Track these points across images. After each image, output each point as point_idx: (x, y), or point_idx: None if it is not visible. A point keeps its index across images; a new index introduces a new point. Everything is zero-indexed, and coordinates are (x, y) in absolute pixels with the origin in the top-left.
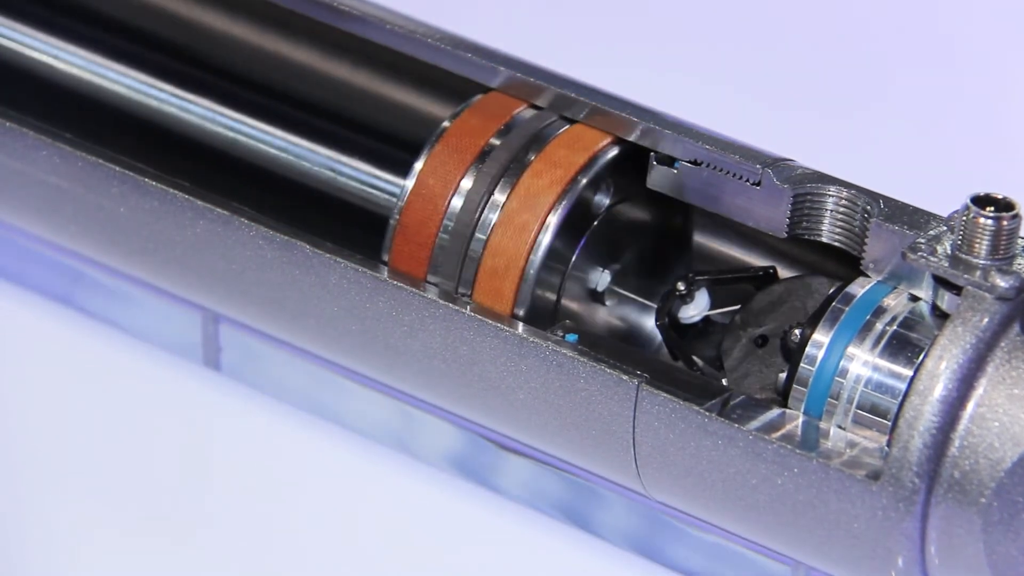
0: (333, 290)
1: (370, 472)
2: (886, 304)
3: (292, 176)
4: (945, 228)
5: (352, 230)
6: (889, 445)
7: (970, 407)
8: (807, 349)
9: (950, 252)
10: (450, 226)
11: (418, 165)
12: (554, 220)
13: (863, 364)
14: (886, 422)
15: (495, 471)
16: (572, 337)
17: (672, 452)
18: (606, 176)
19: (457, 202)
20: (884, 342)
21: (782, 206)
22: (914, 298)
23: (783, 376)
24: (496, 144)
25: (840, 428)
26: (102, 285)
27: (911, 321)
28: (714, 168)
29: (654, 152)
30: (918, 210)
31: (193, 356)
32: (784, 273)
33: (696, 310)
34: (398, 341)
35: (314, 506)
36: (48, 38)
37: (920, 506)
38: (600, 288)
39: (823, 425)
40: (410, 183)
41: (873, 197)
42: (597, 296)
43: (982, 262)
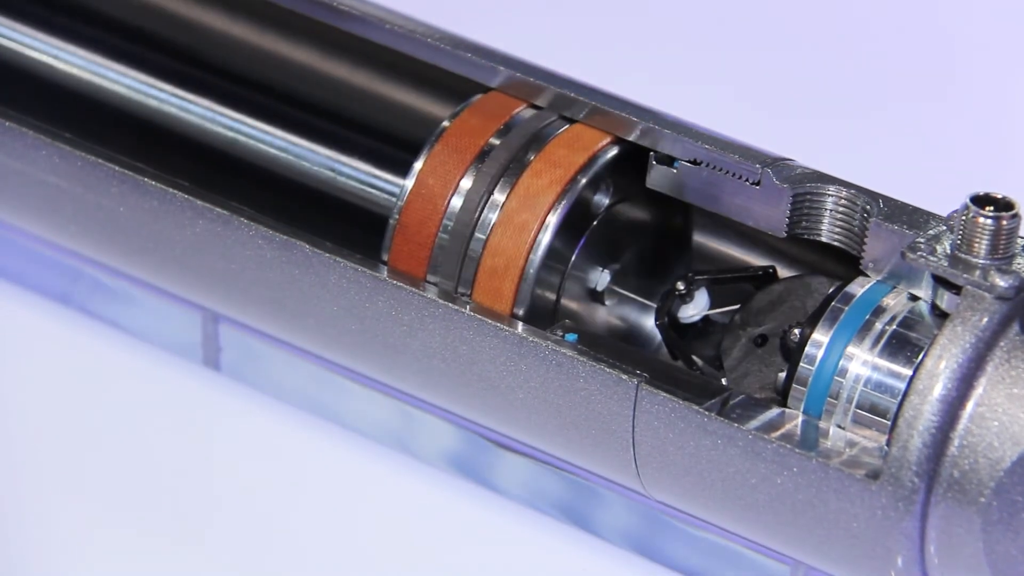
0: (333, 290)
1: (370, 472)
2: (885, 304)
3: (292, 176)
4: (944, 228)
5: (352, 230)
6: (888, 444)
7: (969, 406)
8: (806, 348)
9: (949, 252)
10: (450, 226)
11: (418, 165)
12: (554, 220)
13: (862, 363)
14: (885, 421)
15: (495, 471)
16: (572, 337)
17: (672, 451)
18: (606, 176)
19: (457, 202)
20: (884, 341)
21: (781, 206)
22: (914, 297)
23: (782, 375)
24: (496, 144)
25: (839, 427)
26: (102, 285)
27: (911, 320)
28: (714, 168)
29: (654, 152)
30: (917, 210)
31: (193, 356)
32: (784, 273)
33: (696, 310)
34: (398, 341)
35: (314, 506)
36: (48, 38)
37: (919, 505)
38: (600, 288)
39: (822, 424)
40: (410, 183)
41: (872, 197)
42: (597, 296)
43: (981, 261)
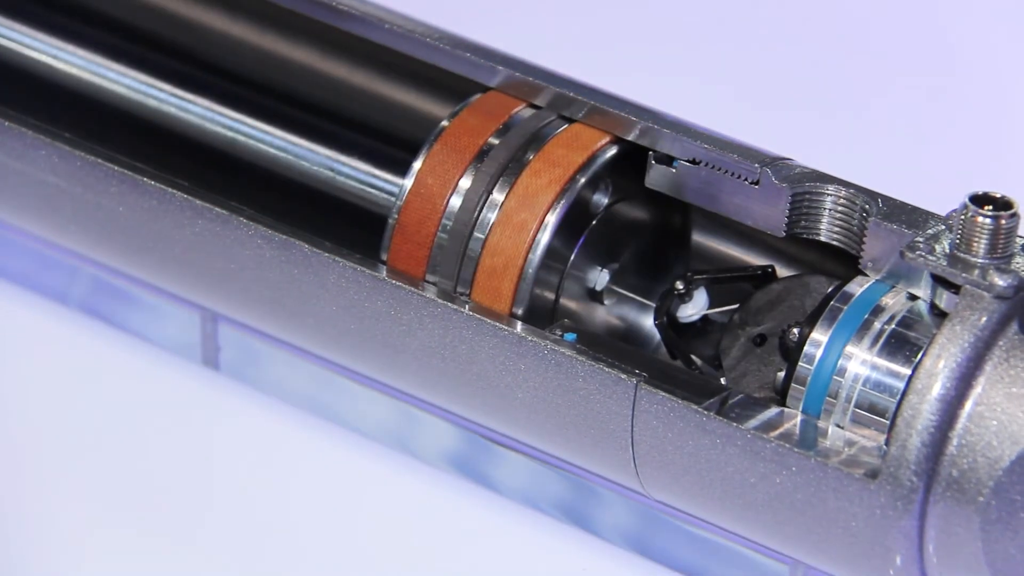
0: (332, 289)
1: (369, 472)
2: (884, 303)
3: (291, 175)
4: (943, 227)
5: (351, 229)
6: (887, 444)
7: (968, 406)
8: (805, 348)
9: (948, 251)
10: (449, 225)
11: (417, 164)
12: (553, 219)
13: (861, 363)
14: (884, 421)
15: (494, 470)
16: (571, 336)
17: (670, 451)
18: (605, 175)
19: (456, 201)
20: (882, 341)
21: (780, 205)
22: (912, 297)
23: (781, 375)
24: (495, 143)
25: (838, 427)
26: (101, 284)
27: (909, 320)
28: (712, 167)
29: (653, 151)
30: (916, 209)
31: (192, 355)
32: (782, 272)
33: (695, 309)
34: (397, 340)
35: (313, 505)
36: (47, 38)
37: (918, 505)
38: (599, 287)
39: (821, 424)
40: (409, 182)
41: (871, 196)
42: (596, 295)
43: (980, 261)
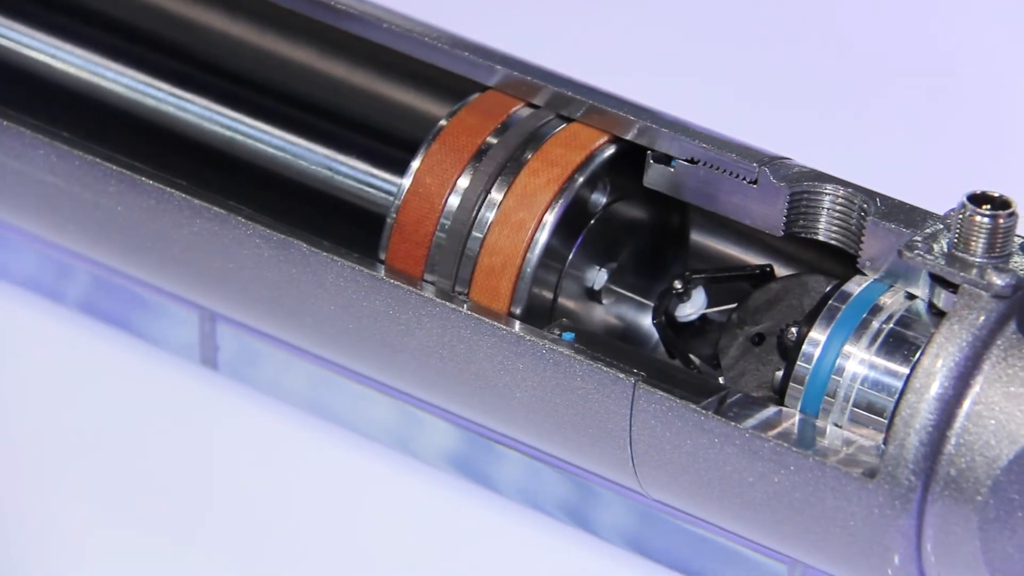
0: (330, 289)
1: (369, 472)
2: (882, 302)
3: (289, 175)
4: (942, 226)
5: (349, 229)
6: (885, 443)
7: (966, 405)
8: (804, 347)
9: (947, 250)
10: (447, 225)
11: (415, 164)
12: (551, 218)
13: (859, 362)
14: (882, 420)
15: (495, 470)
16: (569, 335)
17: (669, 450)
18: (603, 175)
19: (454, 200)
20: (880, 340)
21: (779, 204)
22: (911, 296)
23: (780, 374)
24: (493, 143)
25: (837, 426)
26: (99, 284)
27: (907, 319)
28: (711, 166)
29: (651, 151)
30: (915, 208)
31: (190, 355)
32: (781, 271)
33: (693, 308)
34: (395, 340)
35: (313, 505)
36: (45, 37)
37: (916, 504)
38: (597, 286)
39: (820, 423)
40: (407, 182)
41: (870, 195)
42: (594, 294)
43: (978, 260)
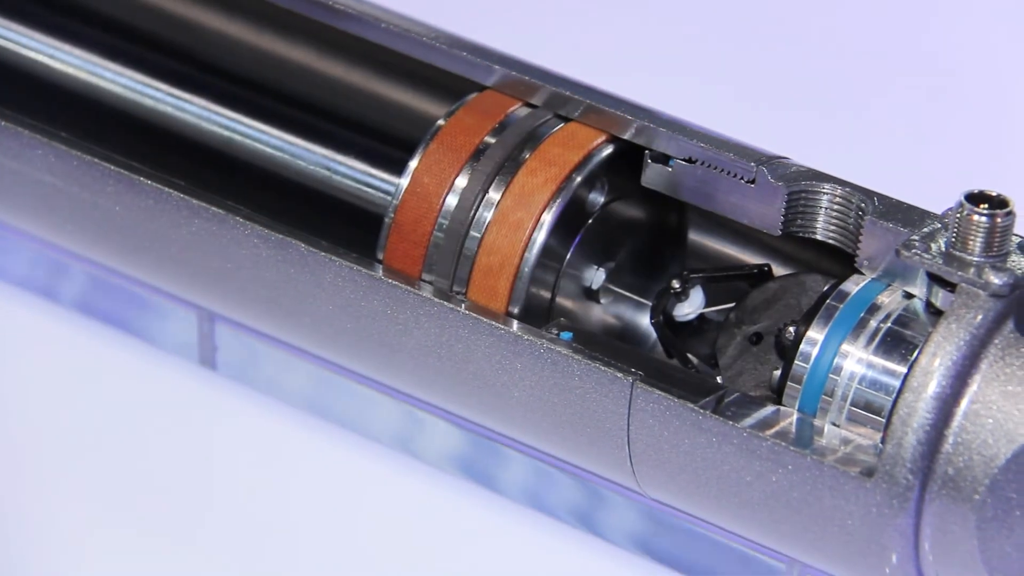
0: (328, 288)
1: (370, 472)
2: (880, 301)
3: (287, 175)
4: (939, 225)
5: (347, 228)
6: (883, 442)
7: (964, 404)
8: (801, 346)
9: (944, 249)
10: (445, 224)
11: (413, 163)
12: (549, 218)
13: (857, 361)
14: (880, 419)
15: (497, 471)
16: (567, 335)
17: (667, 450)
18: (601, 174)
19: (452, 200)
20: (878, 339)
21: (776, 204)
22: (908, 295)
23: (777, 373)
24: (491, 142)
25: (834, 425)
26: (98, 284)
27: (905, 318)
28: (708, 166)
29: (648, 150)
30: (912, 207)
31: (189, 355)
32: (778, 271)
33: (691, 308)
34: (393, 339)
35: (313, 505)
36: (44, 37)
37: (914, 503)
38: (595, 286)
39: (817, 422)
40: (405, 181)
41: (867, 195)
42: (592, 294)
43: (976, 259)
